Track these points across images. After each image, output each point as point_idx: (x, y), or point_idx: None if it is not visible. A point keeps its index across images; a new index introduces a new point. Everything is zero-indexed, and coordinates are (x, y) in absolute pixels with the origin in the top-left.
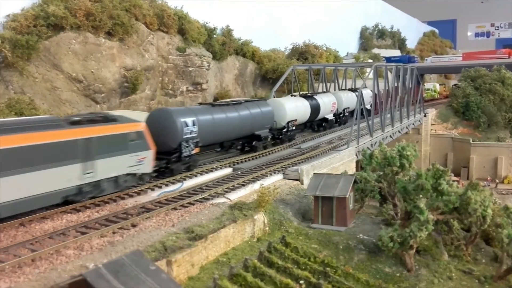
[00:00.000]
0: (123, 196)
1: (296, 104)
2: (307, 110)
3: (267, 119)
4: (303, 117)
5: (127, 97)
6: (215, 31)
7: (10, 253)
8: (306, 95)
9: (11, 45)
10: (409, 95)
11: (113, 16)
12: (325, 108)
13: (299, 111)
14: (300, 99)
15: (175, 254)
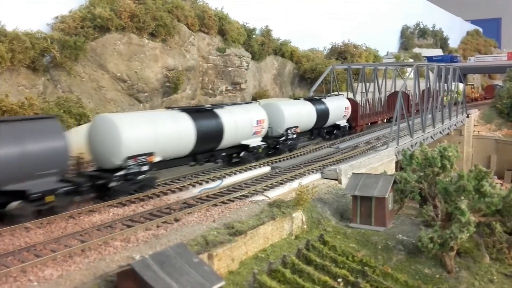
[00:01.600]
0: (165, 192)
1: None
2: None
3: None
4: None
5: (169, 96)
6: (254, 31)
7: (61, 243)
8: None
9: (60, 46)
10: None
11: (156, 18)
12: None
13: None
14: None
15: (216, 249)
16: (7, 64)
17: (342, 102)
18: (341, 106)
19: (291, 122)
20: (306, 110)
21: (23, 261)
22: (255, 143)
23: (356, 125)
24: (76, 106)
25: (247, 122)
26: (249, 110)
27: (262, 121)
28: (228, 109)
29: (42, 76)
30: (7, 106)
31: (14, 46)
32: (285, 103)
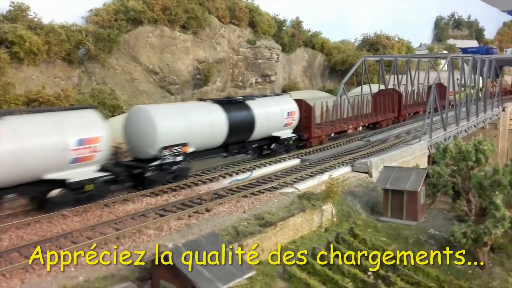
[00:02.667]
0: (196, 183)
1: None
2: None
3: None
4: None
5: (199, 88)
6: (284, 23)
7: (96, 231)
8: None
9: (94, 39)
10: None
11: (188, 10)
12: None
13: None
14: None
15: (247, 239)
16: (43, 56)
17: (284, 105)
18: (280, 111)
19: (171, 137)
20: (206, 119)
21: (60, 247)
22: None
23: (310, 136)
24: (110, 97)
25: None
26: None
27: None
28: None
29: (77, 68)
30: (43, 98)
31: (50, 39)
32: (162, 109)
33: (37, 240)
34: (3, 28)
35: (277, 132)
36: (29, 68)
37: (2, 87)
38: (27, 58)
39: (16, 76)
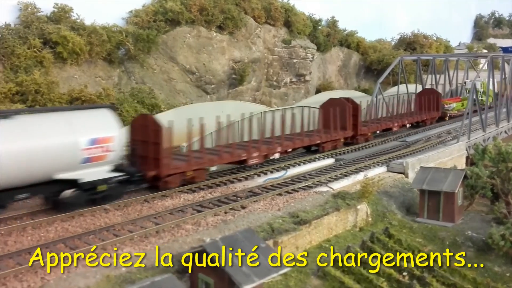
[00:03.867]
0: (232, 180)
1: None
2: None
3: None
4: None
5: (235, 88)
6: (320, 22)
7: (137, 225)
8: None
9: (134, 39)
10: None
11: (224, 11)
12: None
13: None
14: None
15: (281, 236)
16: (85, 56)
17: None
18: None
19: None
20: None
21: (103, 239)
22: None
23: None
24: (148, 96)
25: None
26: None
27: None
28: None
29: (117, 68)
30: (86, 96)
31: (92, 39)
32: None
33: (81, 232)
34: (48, 29)
35: (68, 173)
36: (72, 68)
37: (46, 86)
38: (70, 58)
39: (60, 75)
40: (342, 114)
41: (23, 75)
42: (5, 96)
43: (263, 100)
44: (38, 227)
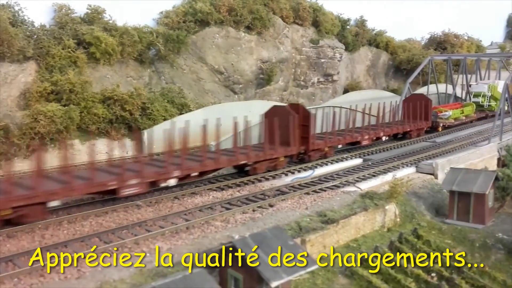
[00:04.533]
0: (260, 179)
1: None
2: None
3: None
4: None
5: (262, 88)
6: (348, 22)
7: (168, 221)
8: None
9: (164, 40)
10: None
11: (253, 11)
12: None
13: None
14: None
15: (309, 234)
16: (117, 56)
17: None
18: None
19: None
20: None
21: (135, 234)
22: None
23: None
24: (178, 96)
25: None
26: None
27: None
28: None
29: (148, 68)
30: (118, 96)
31: (124, 40)
32: None
33: (115, 227)
34: (81, 29)
35: None
36: (104, 68)
37: (80, 85)
38: (102, 58)
39: (93, 75)
40: (284, 126)
41: (58, 75)
42: (40, 95)
43: (290, 100)
44: (73, 221)
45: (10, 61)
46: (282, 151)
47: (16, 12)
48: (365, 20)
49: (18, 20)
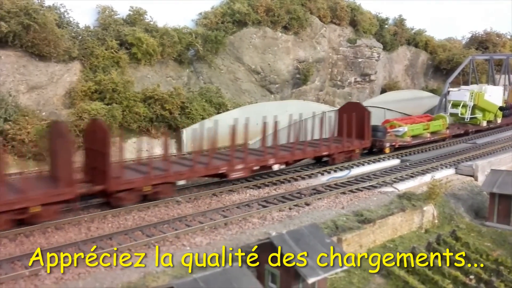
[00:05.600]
0: (296, 178)
1: None
2: None
3: None
4: None
5: (298, 87)
6: (387, 21)
7: (207, 217)
8: None
9: (203, 40)
10: None
11: (290, 11)
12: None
13: None
14: None
15: (345, 234)
16: (158, 57)
17: None
18: None
19: None
20: None
21: (176, 229)
22: None
23: None
24: (216, 96)
25: None
26: None
27: None
28: None
29: (187, 68)
30: (158, 95)
31: (164, 41)
32: None
33: (156, 222)
34: (124, 31)
35: None
36: (145, 68)
37: (123, 85)
38: (143, 59)
39: (134, 75)
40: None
41: (101, 75)
42: (85, 94)
43: (326, 99)
44: (117, 215)
45: (56, 61)
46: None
47: (62, 13)
48: (404, 19)
49: (64, 21)
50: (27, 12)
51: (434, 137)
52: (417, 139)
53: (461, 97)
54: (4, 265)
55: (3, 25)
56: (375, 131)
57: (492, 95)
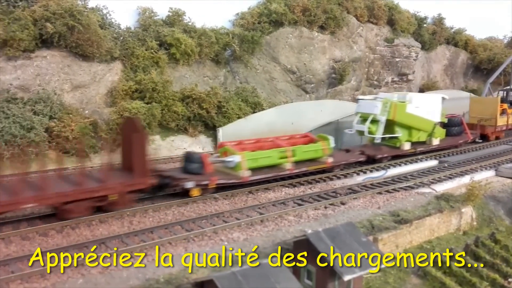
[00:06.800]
0: (331, 178)
1: None
2: None
3: None
4: None
5: (334, 87)
6: (425, 20)
7: (243, 213)
8: None
9: (239, 40)
10: None
11: (327, 11)
12: None
13: None
14: None
15: (381, 233)
16: (195, 57)
17: None
18: None
19: None
20: None
21: (214, 224)
22: None
23: None
24: (252, 95)
25: None
26: None
27: None
28: None
29: (223, 68)
30: (196, 94)
31: (202, 41)
32: None
33: (195, 217)
34: (163, 31)
35: None
36: (183, 68)
37: (162, 84)
38: (182, 59)
39: (173, 74)
40: None
41: (141, 74)
42: (125, 93)
43: None
44: (158, 210)
45: (99, 61)
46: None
47: (105, 15)
48: (443, 18)
49: (106, 22)
50: (71, 13)
51: (301, 169)
52: (263, 173)
53: (370, 108)
54: None
55: (49, 26)
56: (187, 162)
57: (421, 106)
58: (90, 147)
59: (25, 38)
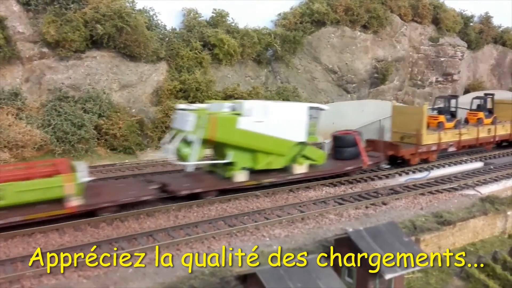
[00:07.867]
0: (373, 178)
1: None
2: None
3: None
4: None
5: (376, 87)
6: (472, 19)
7: (284, 211)
8: None
9: (281, 41)
10: None
11: (370, 10)
12: None
13: None
14: None
15: (424, 234)
16: (238, 57)
17: None
18: None
19: None
20: None
21: (256, 221)
22: None
23: None
24: (293, 95)
25: None
26: None
27: None
28: None
29: (265, 68)
30: (238, 94)
31: (244, 42)
32: None
33: (237, 213)
34: (207, 32)
35: None
36: (226, 68)
37: (205, 84)
38: (225, 59)
39: (216, 74)
40: None
41: (186, 74)
42: (170, 93)
43: (405, 100)
44: (201, 205)
45: (145, 61)
46: None
47: (151, 16)
48: (490, 16)
49: (152, 24)
50: (120, 15)
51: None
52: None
53: (181, 123)
54: (103, 245)
55: (99, 28)
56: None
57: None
58: (137, 145)
59: (77, 39)
